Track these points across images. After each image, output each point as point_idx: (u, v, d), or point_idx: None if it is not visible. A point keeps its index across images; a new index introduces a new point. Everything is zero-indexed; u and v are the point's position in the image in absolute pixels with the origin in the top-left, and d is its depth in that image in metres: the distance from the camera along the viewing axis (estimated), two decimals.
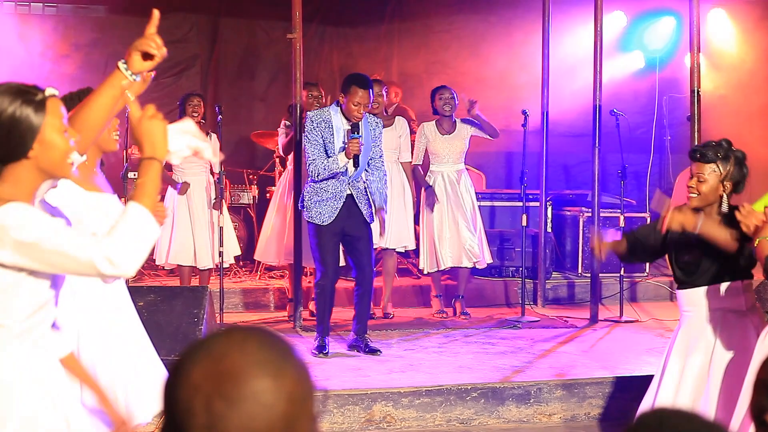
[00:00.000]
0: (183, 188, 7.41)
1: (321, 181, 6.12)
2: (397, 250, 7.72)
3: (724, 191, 3.91)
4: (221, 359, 1.34)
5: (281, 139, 7.66)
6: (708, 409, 3.82)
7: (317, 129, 6.12)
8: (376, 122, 6.34)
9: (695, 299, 3.98)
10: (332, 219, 6.12)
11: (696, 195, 3.92)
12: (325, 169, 6.07)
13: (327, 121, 6.14)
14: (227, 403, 1.31)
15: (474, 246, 7.59)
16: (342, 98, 6.14)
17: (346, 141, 6.08)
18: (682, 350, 3.97)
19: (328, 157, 6.10)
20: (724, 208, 3.90)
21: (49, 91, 2.43)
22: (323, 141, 6.12)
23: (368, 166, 6.24)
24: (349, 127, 6.11)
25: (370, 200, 6.26)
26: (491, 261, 7.85)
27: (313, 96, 7.56)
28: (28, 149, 2.38)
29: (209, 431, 1.31)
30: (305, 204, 6.21)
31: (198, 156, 2.76)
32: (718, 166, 3.91)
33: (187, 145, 2.67)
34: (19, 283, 2.36)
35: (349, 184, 6.17)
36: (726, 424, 3.41)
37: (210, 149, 2.75)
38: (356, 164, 6.10)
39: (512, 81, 10.14)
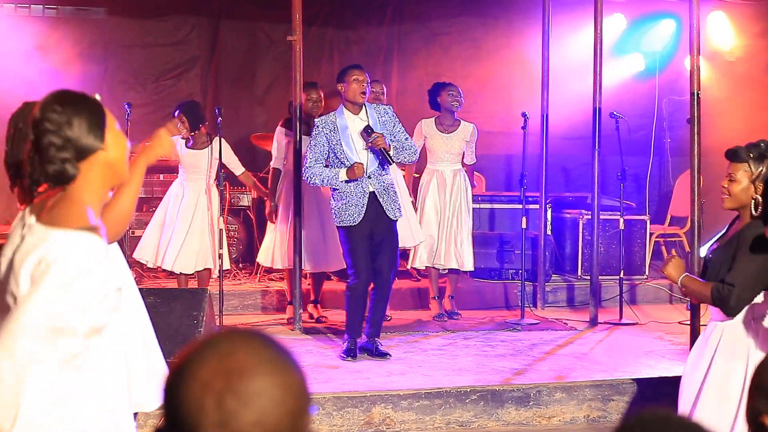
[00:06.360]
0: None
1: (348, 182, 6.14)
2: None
3: (756, 192, 3.82)
4: (229, 357, 1.35)
5: (276, 144, 7.54)
6: None
7: (322, 133, 6.17)
8: (384, 110, 6.32)
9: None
10: (362, 217, 6.13)
11: (727, 196, 3.86)
12: (321, 180, 6.17)
13: (332, 124, 6.18)
14: (240, 400, 1.33)
15: (460, 249, 7.57)
16: (342, 88, 6.24)
17: (357, 138, 6.10)
18: (724, 354, 3.85)
19: (337, 159, 6.14)
20: (755, 211, 3.82)
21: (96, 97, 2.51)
22: (328, 144, 6.15)
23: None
24: (362, 129, 6.12)
25: (395, 196, 6.26)
26: (472, 269, 7.79)
27: (312, 99, 7.42)
28: (102, 140, 2.38)
29: (221, 428, 1.32)
30: (334, 210, 6.23)
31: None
32: (749, 166, 3.84)
33: None
34: None
35: (369, 179, 6.16)
36: None
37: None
38: (387, 161, 6.11)
39: (512, 83, 10.13)
